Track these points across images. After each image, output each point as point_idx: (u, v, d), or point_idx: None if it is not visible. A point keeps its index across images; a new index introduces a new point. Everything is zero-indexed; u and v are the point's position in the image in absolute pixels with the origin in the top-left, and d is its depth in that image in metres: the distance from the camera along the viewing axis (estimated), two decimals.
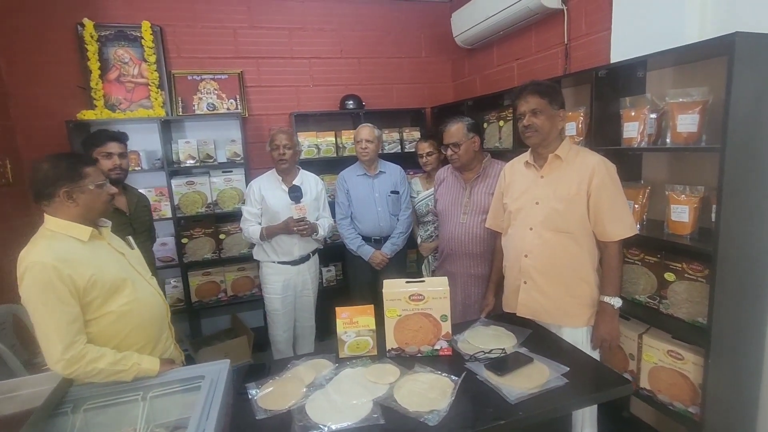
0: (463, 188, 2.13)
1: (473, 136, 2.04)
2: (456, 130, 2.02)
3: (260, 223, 2.43)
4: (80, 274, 1.24)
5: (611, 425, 1.86)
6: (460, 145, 2.02)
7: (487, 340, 1.57)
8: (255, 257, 2.55)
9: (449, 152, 2.07)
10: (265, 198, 2.40)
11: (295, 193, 2.31)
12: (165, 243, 2.97)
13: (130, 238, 1.58)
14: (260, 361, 2.84)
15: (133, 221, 2.08)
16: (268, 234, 2.37)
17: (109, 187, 1.39)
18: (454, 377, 1.34)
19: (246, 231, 2.43)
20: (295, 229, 2.30)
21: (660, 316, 1.74)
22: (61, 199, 1.28)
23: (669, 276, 1.70)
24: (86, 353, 1.23)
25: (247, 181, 3.03)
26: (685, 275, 1.65)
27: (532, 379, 1.30)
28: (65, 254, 1.24)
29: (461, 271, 2.10)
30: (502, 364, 1.37)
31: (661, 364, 1.71)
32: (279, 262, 2.44)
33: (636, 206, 1.83)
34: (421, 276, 2.78)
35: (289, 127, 3.07)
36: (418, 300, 1.49)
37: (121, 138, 2.03)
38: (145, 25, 2.94)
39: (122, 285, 1.34)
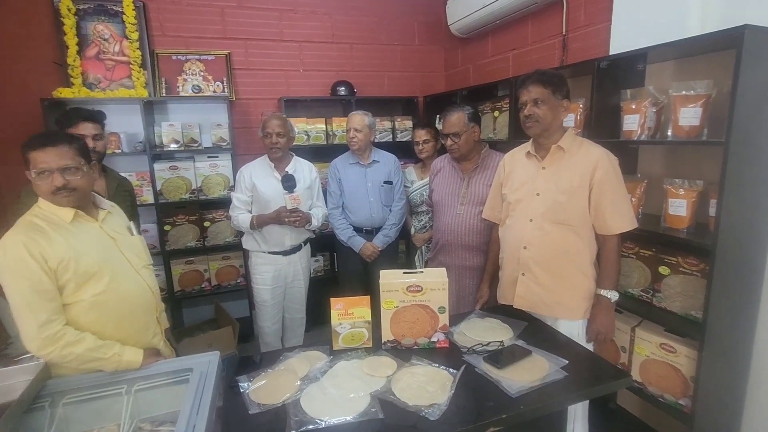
0: (461, 179, 2.08)
1: (473, 126, 1.99)
2: (456, 119, 1.97)
3: (251, 211, 2.33)
4: (51, 254, 1.18)
5: (598, 417, 1.87)
6: (460, 135, 1.97)
7: (484, 332, 1.55)
8: (244, 246, 2.46)
9: (449, 142, 2.02)
10: (256, 186, 2.29)
11: (289, 183, 2.19)
12: (146, 230, 2.86)
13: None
14: (246, 352, 2.77)
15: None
16: (259, 223, 2.27)
17: (54, 178, 1.21)
18: (452, 370, 1.31)
19: (235, 219, 2.32)
20: (287, 220, 2.22)
21: (653, 309, 1.75)
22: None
23: (663, 270, 1.71)
24: (64, 335, 1.18)
25: (234, 167, 2.93)
26: (680, 269, 1.65)
27: (532, 372, 1.29)
28: (40, 233, 1.19)
29: (456, 263, 2.07)
30: (501, 357, 1.35)
31: (653, 356, 1.73)
32: (269, 252, 2.36)
33: (633, 200, 1.82)
34: (412, 267, 2.75)
35: (282, 113, 2.97)
36: (416, 291, 1.45)
37: (97, 117, 1.88)
38: None
39: (99, 272, 1.26)
